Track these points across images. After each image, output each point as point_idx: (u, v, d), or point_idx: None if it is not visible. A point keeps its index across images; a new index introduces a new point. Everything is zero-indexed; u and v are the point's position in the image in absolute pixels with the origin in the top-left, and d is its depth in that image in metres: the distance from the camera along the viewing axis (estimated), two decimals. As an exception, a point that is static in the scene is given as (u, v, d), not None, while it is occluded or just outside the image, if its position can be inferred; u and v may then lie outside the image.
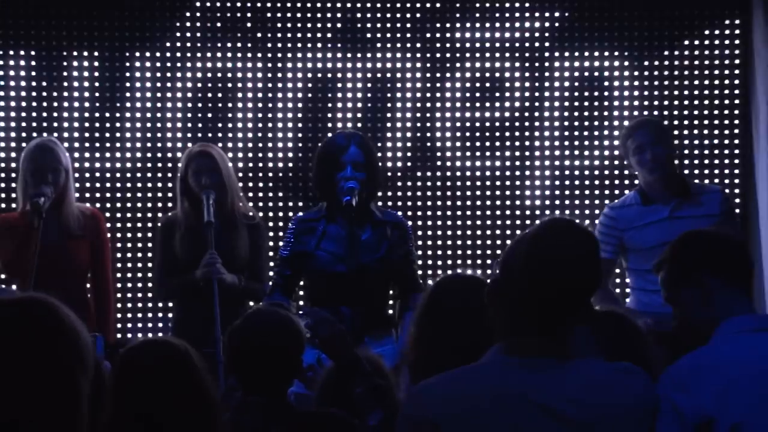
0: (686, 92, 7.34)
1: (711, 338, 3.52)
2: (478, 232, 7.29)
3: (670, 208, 6.09)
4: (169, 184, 6.94)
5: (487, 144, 7.32)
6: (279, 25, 7.27)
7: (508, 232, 7.26)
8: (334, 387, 4.24)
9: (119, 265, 7.03)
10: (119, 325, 6.94)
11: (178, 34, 7.20)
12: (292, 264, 5.87)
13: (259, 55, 7.25)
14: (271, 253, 6.66)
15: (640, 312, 5.70)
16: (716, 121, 7.34)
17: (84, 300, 6.33)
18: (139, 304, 7.14)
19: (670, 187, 6.15)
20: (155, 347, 3.58)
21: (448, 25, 7.32)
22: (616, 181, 7.27)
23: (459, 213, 7.29)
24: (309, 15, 7.27)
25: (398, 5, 7.31)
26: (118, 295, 6.94)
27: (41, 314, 2.51)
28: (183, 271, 6.10)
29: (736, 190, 7.28)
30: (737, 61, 7.33)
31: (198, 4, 7.20)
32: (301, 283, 6.04)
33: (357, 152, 5.82)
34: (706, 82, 7.34)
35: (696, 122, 7.30)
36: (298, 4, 7.27)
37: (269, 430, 3.90)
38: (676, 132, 7.21)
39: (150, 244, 7.03)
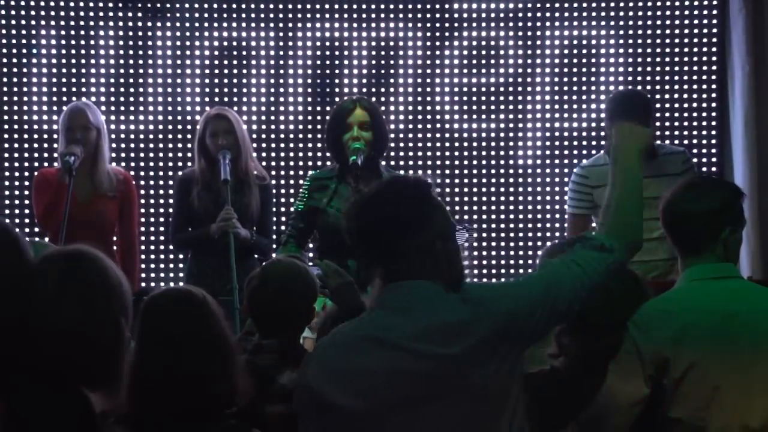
0: (667, 59, 7.54)
1: (676, 284, 3.86)
2: (474, 189, 7.51)
3: None
4: (188, 145, 7.19)
5: (483, 107, 7.53)
6: (289, -5, 7.50)
7: (502, 189, 7.51)
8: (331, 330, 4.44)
9: (142, 219, 7.25)
10: (142, 275, 7.19)
11: (196, 5, 7.42)
12: (305, 218, 6.06)
13: (271, 24, 7.47)
14: (282, 209, 6.93)
15: None
16: (695, 86, 7.55)
17: (110, 254, 6.45)
18: (162, 256, 7.42)
19: None
20: (176, 294, 3.67)
21: (447, -5, 7.53)
22: (602, 142, 7.34)
23: (457, 171, 7.52)
24: (318, -14, 7.49)
25: (401, -23, 7.50)
26: (141, 247, 7.16)
27: (89, 266, 2.73)
28: (198, 224, 6.36)
29: (713, 150, 7.52)
30: (714, 30, 7.52)
31: (214, -24, 7.42)
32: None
33: (362, 114, 6.02)
34: (686, 50, 7.55)
35: (676, 87, 7.51)
36: (308, -23, 7.47)
37: (282, 371, 4.12)
38: (657, 96, 7.44)
39: (171, 201, 7.17)
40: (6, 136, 7.40)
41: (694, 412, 3.59)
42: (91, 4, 7.42)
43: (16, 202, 7.33)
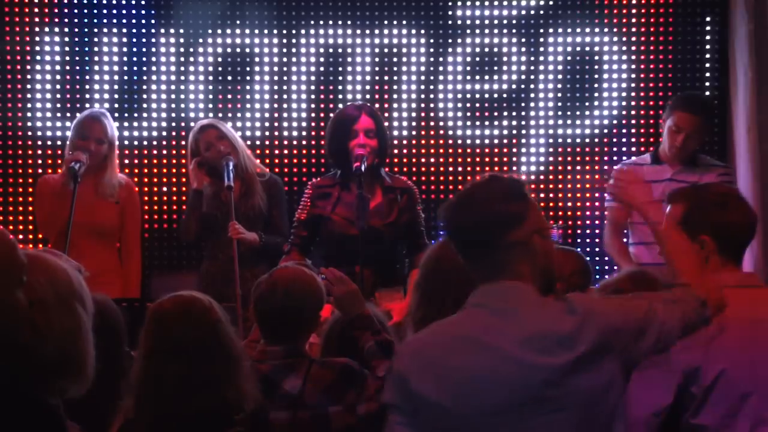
0: (670, 66, 7.54)
1: None
2: (478, 196, 7.54)
3: (674, 171, 6.46)
4: (188, 153, 7.04)
5: (487, 114, 7.52)
6: (293, 3, 7.51)
7: (506, 195, 7.53)
8: (338, 337, 4.46)
9: (146, 225, 7.25)
10: (146, 281, 7.15)
11: (199, 12, 7.44)
12: (308, 226, 6.13)
13: (275, 31, 7.49)
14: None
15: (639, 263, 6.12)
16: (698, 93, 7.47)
17: (112, 260, 6.67)
18: (165, 262, 7.42)
19: (685, 154, 6.51)
20: (182, 300, 3.73)
21: (450, 2, 7.53)
22: (606, 149, 7.49)
23: (460, 178, 7.48)
24: (322, -7, 7.50)
25: (404, -16, 7.52)
26: (145, 253, 7.15)
27: (31, 263, 2.78)
28: (204, 228, 6.51)
29: (716, 156, 7.37)
30: (717, 37, 7.52)
31: (217, -17, 7.43)
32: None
33: (368, 121, 6.08)
34: (689, 56, 7.54)
35: (679, 94, 7.27)
36: (312, -17, 7.48)
37: (287, 377, 4.15)
38: (661, 103, 7.39)
39: (174, 207, 7.36)
40: (10, 142, 7.42)
41: (721, 420, 3.58)
42: (95, 11, 7.45)
43: (20, 208, 7.34)
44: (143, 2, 7.48)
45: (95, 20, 7.44)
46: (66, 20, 7.42)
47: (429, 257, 4.06)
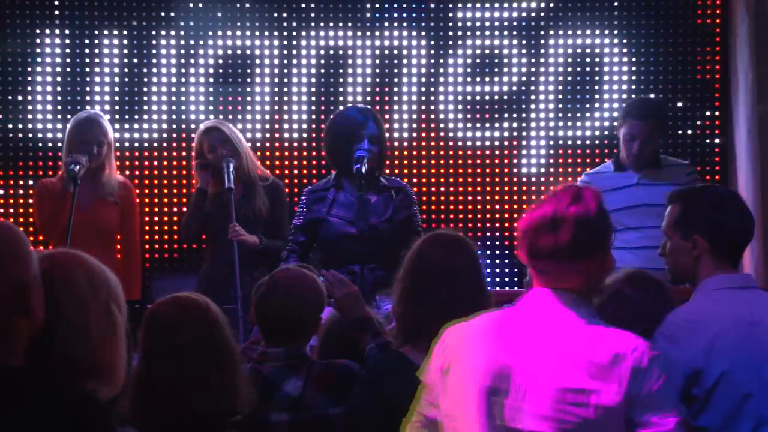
0: (671, 68, 7.55)
1: (693, 294, 3.87)
2: (479, 198, 7.51)
3: (639, 175, 6.46)
4: (193, 153, 7.10)
5: (487, 116, 7.53)
6: (294, 5, 7.52)
7: (506, 197, 7.51)
8: (336, 338, 4.45)
9: (146, 228, 7.31)
10: (146, 282, 7.20)
11: (200, 14, 7.45)
12: (306, 231, 6.10)
13: (276, 33, 7.49)
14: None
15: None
16: (698, 95, 7.56)
17: (112, 261, 6.59)
18: (166, 264, 7.43)
19: (643, 160, 6.51)
20: (180, 301, 3.70)
21: (450, 4, 7.55)
22: (606, 150, 7.48)
23: (461, 180, 7.52)
24: (322, -5, 7.52)
25: (404, -14, 7.54)
26: (145, 255, 7.22)
27: (70, 261, 2.81)
28: (207, 228, 6.51)
29: (717, 158, 7.51)
30: (718, 39, 7.54)
31: (218, -15, 7.45)
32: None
33: (374, 127, 6.07)
34: (690, 58, 7.56)
35: (680, 95, 7.52)
36: (312, -15, 7.49)
37: (288, 379, 4.15)
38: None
39: (175, 209, 7.39)
40: (11, 144, 7.42)
41: (723, 421, 3.61)
42: (96, 13, 7.45)
43: (20, 210, 7.35)
44: (144, 3, 7.48)
45: (95, 21, 7.44)
46: (66, 21, 7.42)
47: (412, 253, 4.01)
